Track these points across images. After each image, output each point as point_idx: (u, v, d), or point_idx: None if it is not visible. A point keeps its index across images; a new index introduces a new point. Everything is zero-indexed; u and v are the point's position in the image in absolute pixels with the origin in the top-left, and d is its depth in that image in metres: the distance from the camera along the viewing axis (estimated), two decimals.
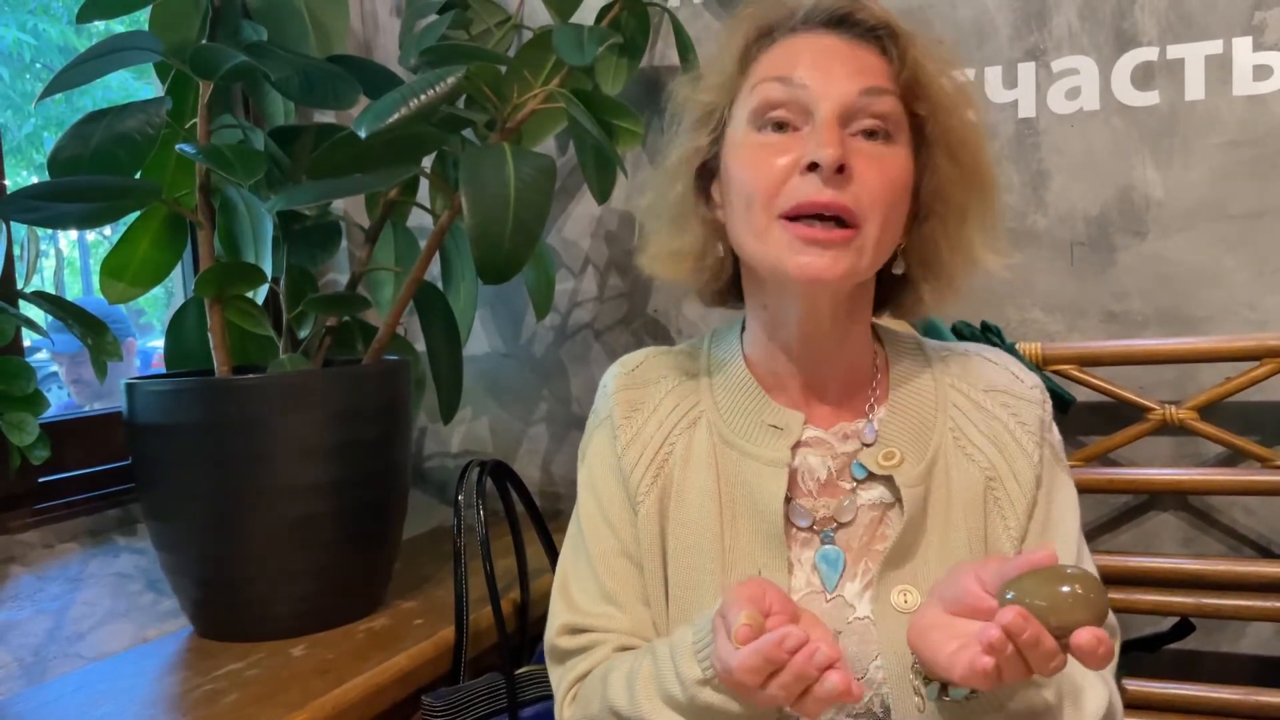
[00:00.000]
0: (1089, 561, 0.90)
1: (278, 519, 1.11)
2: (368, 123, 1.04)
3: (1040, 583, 0.66)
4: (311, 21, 1.24)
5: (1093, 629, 0.64)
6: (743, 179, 0.83)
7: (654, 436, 0.91)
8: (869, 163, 0.80)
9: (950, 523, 0.86)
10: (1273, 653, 1.37)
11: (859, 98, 0.80)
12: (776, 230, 0.80)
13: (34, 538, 1.24)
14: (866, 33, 0.84)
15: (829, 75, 0.81)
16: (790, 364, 0.90)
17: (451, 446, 1.82)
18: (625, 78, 1.42)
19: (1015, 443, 0.88)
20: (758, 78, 0.84)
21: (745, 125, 0.84)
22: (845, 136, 0.80)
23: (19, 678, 1.06)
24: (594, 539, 0.92)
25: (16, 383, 1.05)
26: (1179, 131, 1.34)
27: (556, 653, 0.92)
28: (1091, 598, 0.65)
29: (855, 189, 0.79)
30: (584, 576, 0.92)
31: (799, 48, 0.84)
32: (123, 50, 1.12)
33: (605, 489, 0.92)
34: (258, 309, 1.22)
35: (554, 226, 1.70)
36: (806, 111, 0.81)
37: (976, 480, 0.87)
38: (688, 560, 0.87)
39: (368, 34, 1.78)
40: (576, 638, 0.91)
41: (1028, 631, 0.64)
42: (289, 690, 0.99)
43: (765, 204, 0.81)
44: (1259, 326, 1.32)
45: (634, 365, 0.97)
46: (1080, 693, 0.79)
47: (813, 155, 0.78)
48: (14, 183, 1.25)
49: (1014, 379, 0.92)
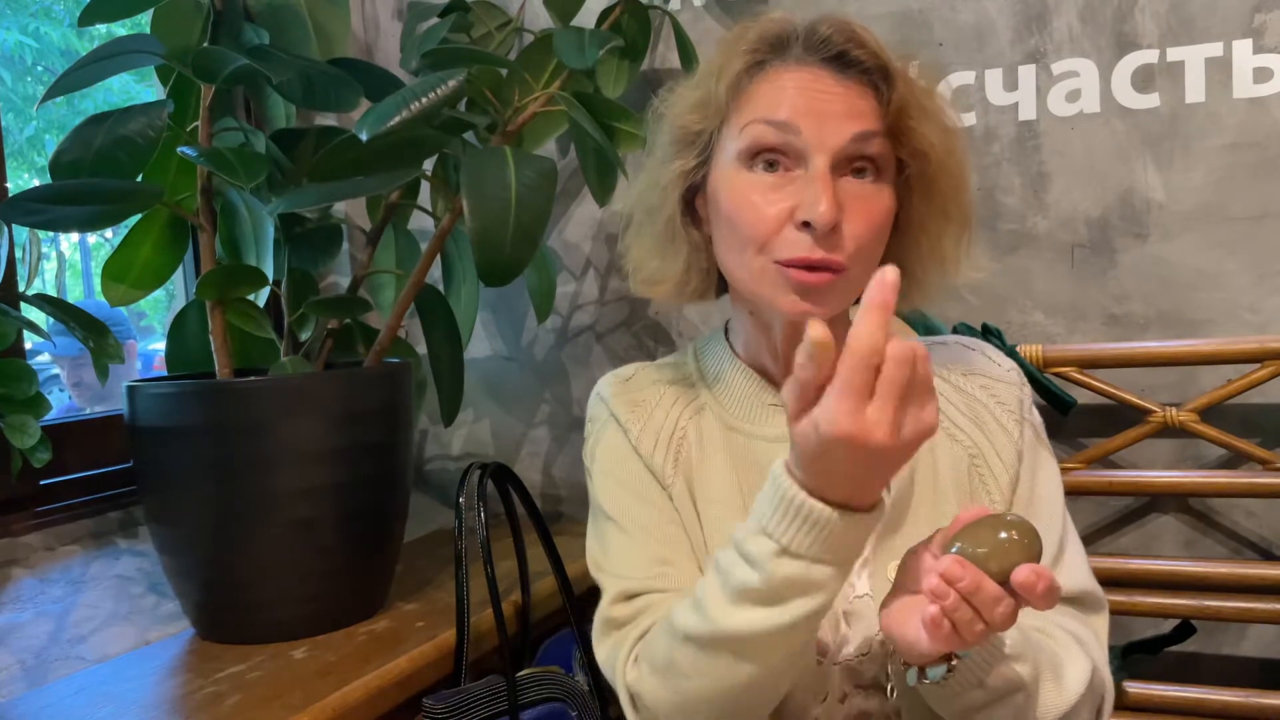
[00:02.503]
0: (1073, 538, 0.92)
1: (279, 521, 1.11)
2: (369, 126, 1.04)
3: (979, 532, 0.69)
4: (313, 25, 1.24)
5: (1030, 565, 0.66)
6: (736, 219, 0.84)
7: (664, 424, 0.93)
8: (856, 204, 0.82)
9: (940, 499, 0.89)
10: (1274, 655, 1.36)
11: (850, 144, 0.82)
12: (772, 272, 0.83)
13: (35, 540, 1.24)
14: (860, 72, 0.84)
15: (822, 121, 0.81)
16: (778, 363, 0.93)
17: (453, 449, 1.82)
18: (626, 81, 1.43)
19: (996, 422, 0.91)
20: (749, 115, 0.85)
21: (735, 161, 0.85)
22: (836, 182, 0.82)
23: (20, 680, 1.06)
24: (629, 518, 0.91)
25: (18, 385, 1.05)
26: (1180, 134, 1.34)
27: (611, 622, 0.90)
28: (1026, 541, 0.67)
29: (845, 239, 0.81)
30: (626, 550, 0.91)
31: (791, 85, 0.83)
32: (125, 53, 1.12)
33: (629, 474, 0.93)
34: (259, 312, 1.22)
35: (555, 229, 1.70)
36: (799, 156, 0.83)
37: (961, 459, 0.90)
38: (720, 539, 0.88)
39: (369, 37, 1.79)
40: (632, 603, 0.89)
41: (966, 578, 0.66)
42: (291, 692, 0.99)
43: (759, 249, 0.83)
44: (1260, 329, 1.32)
45: (626, 377, 0.99)
46: (1060, 665, 0.80)
47: (807, 214, 0.80)
48: (16, 186, 1.25)
49: (991, 363, 0.96)
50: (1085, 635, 0.86)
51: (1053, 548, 0.88)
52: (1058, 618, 0.86)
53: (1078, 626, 0.86)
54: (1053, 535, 0.89)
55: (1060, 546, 0.89)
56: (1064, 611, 0.87)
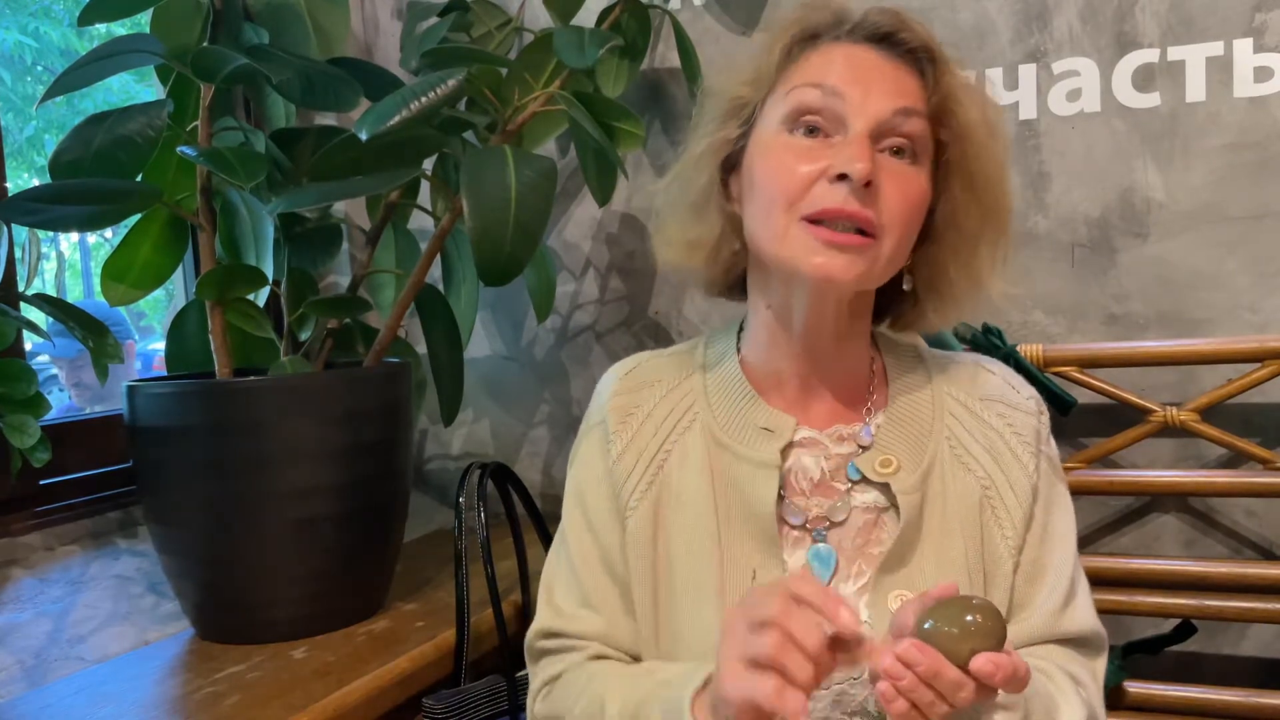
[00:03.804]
0: (1082, 576, 0.90)
1: (279, 521, 1.11)
2: (369, 125, 1.04)
3: (951, 612, 0.68)
4: (313, 24, 1.24)
5: (987, 655, 0.66)
6: (767, 180, 0.84)
7: (649, 443, 0.92)
8: (893, 180, 0.81)
9: (946, 531, 0.86)
10: (1274, 655, 1.36)
11: (892, 116, 0.82)
12: (796, 230, 0.81)
13: (35, 540, 1.24)
14: (907, 53, 0.85)
15: (867, 90, 0.82)
16: (789, 364, 0.91)
17: (452, 449, 1.82)
18: (626, 80, 1.43)
19: (1011, 453, 0.89)
20: (796, 80, 0.85)
21: (777, 125, 0.85)
22: (874, 152, 0.81)
23: (20, 680, 1.06)
24: (577, 545, 0.93)
25: (18, 385, 1.05)
26: (1180, 133, 1.34)
27: (533, 652, 0.96)
28: (989, 625, 0.67)
29: (879, 203, 0.80)
30: (566, 579, 0.94)
31: (840, 56, 0.84)
32: (124, 53, 1.12)
33: (592, 498, 0.93)
34: (259, 311, 1.22)
35: (555, 229, 1.70)
36: (841, 121, 0.82)
37: (972, 490, 0.87)
38: (686, 562, 0.87)
39: (369, 37, 1.78)
40: (553, 640, 0.93)
41: (924, 663, 0.66)
42: (290, 693, 0.99)
43: (787, 206, 0.81)
44: (1260, 329, 1.32)
45: (629, 369, 0.98)
46: (1055, 712, 0.79)
47: (844, 167, 0.79)
48: (15, 185, 1.25)
49: (1010, 389, 0.93)
50: (1086, 678, 0.85)
51: (1063, 588, 0.86)
52: (1062, 659, 0.85)
53: (1079, 670, 0.85)
54: (1064, 575, 0.87)
55: (1071, 587, 0.87)
56: (1068, 653, 0.86)
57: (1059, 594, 0.86)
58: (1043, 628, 0.85)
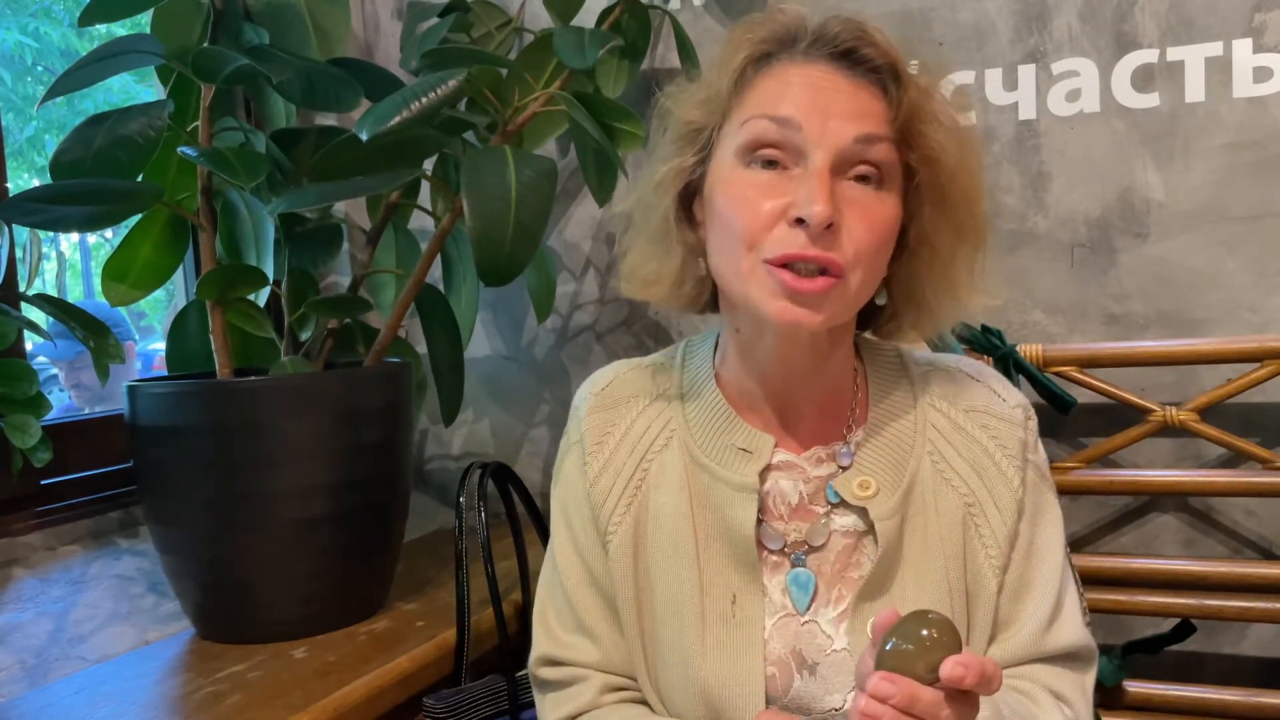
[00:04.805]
0: (1073, 586, 0.88)
1: (279, 521, 1.11)
2: (369, 125, 1.04)
3: (907, 629, 0.67)
4: (313, 24, 1.24)
5: (954, 658, 0.64)
6: (729, 215, 0.79)
7: (626, 463, 0.90)
8: (858, 212, 0.77)
9: (928, 550, 0.84)
10: (1274, 654, 1.36)
11: (854, 145, 0.77)
12: (761, 273, 0.78)
13: (36, 540, 1.24)
14: (870, 71, 0.80)
15: (826, 117, 0.77)
16: (763, 388, 0.88)
17: (453, 449, 1.82)
18: (626, 80, 1.43)
19: (995, 468, 0.86)
20: (751, 110, 0.80)
21: (733, 158, 0.81)
22: (836, 184, 0.77)
23: (21, 680, 1.06)
24: (566, 568, 0.92)
25: (19, 385, 1.05)
26: (1179, 133, 1.34)
27: (537, 681, 0.95)
28: (946, 639, 0.66)
29: (842, 241, 0.77)
30: (559, 604, 0.93)
31: (797, 80, 0.79)
32: (125, 53, 1.12)
33: (577, 517, 0.92)
34: (259, 311, 1.22)
35: (555, 229, 1.70)
36: (800, 153, 0.78)
37: (955, 507, 0.85)
38: (666, 583, 0.86)
39: (369, 37, 1.79)
40: (556, 669, 0.91)
41: (897, 694, 0.65)
42: (291, 692, 0.99)
43: (750, 247, 0.78)
44: (1260, 328, 1.32)
45: (604, 384, 0.95)
46: None
47: (801, 210, 0.75)
48: (16, 185, 1.25)
49: (995, 397, 0.89)
50: (1072, 695, 0.83)
51: (1049, 604, 0.84)
52: (1048, 678, 0.84)
53: (1066, 686, 0.84)
54: (1050, 590, 0.85)
55: (1058, 601, 0.85)
56: (1054, 670, 0.84)
57: (1045, 610, 0.84)
58: (1029, 645, 0.84)
